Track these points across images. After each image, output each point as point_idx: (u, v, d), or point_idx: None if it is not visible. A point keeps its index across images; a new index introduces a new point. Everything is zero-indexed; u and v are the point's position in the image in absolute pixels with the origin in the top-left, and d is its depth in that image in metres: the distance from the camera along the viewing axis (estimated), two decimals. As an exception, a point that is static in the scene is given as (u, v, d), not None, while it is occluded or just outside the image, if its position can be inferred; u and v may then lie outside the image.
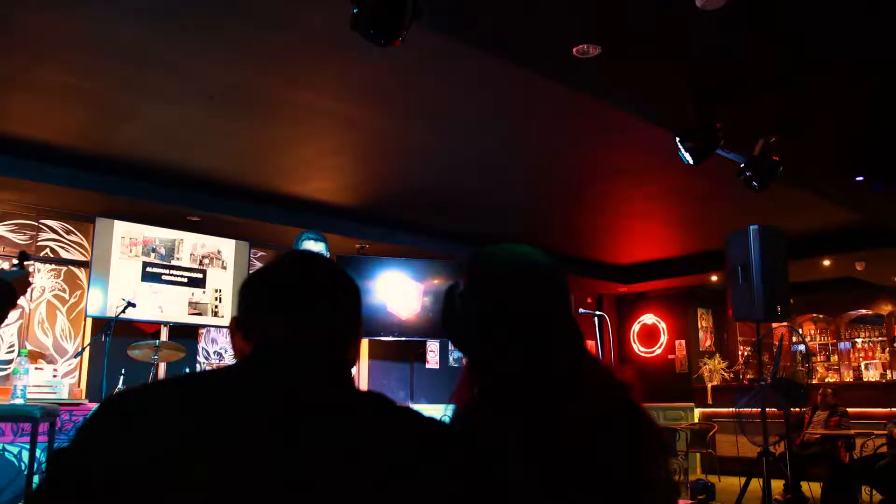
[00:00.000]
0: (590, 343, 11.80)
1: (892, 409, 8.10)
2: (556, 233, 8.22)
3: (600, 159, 5.73)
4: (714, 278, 9.91)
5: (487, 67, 4.03)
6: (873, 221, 6.64)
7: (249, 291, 1.10)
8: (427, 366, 8.84)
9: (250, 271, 7.31)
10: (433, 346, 8.92)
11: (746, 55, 3.76)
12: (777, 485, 5.73)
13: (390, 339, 8.05)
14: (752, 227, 4.98)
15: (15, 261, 1.86)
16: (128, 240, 6.33)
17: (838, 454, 6.70)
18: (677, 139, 4.09)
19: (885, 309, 10.74)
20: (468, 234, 8.12)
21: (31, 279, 1.76)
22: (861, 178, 4.98)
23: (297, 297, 1.07)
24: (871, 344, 11.02)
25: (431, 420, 1.04)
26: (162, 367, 6.17)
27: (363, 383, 8.25)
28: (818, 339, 11.47)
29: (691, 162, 4.10)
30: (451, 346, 9.06)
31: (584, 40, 3.41)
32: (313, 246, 3.66)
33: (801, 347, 10.78)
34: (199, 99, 4.62)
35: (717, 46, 3.63)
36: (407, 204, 7.05)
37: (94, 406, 6.10)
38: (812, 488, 6.45)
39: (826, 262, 8.71)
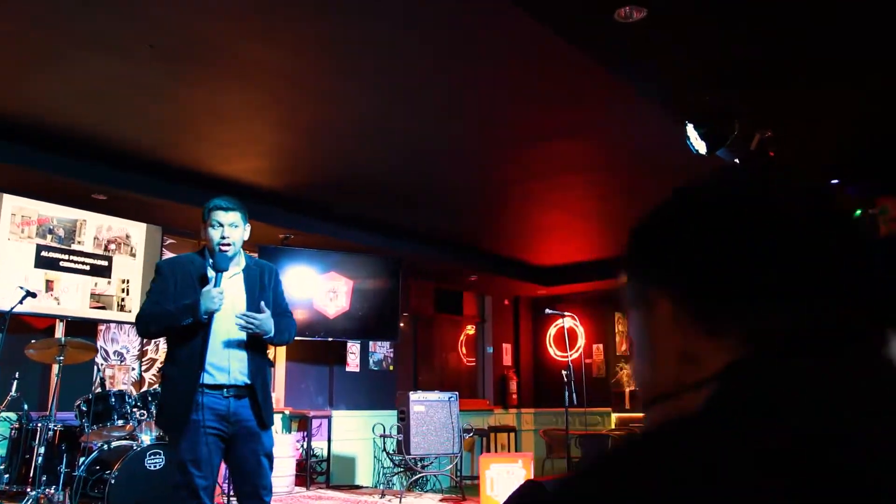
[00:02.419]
0: (506, 346, 11.40)
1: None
2: (488, 231, 7.92)
3: (545, 153, 5.40)
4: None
5: (488, 36, 3.57)
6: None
7: (714, 238, 0.56)
8: (347, 368, 8.19)
9: (162, 258, 6.41)
10: (354, 348, 8.29)
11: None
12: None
13: (315, 339, 7.36)
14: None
15: None
16: (19, 218, 5.31)
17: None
18: (690, 125, 3.79)
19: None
20: (402, 228, 7.58)
21: None
22: (836, 182, 4.93)
23: (828, 255, 0.54)
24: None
25: None
26: (54, 370, 5.22)
27: (280, 388, 7.50)
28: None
29: (703, 150, 3.81)
30: (371, 348, 8.47)
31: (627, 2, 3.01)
32: (223, 217, 2.95)
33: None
34: (133, 48, 3.84)
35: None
36: (340, 192, 6.43)
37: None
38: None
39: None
